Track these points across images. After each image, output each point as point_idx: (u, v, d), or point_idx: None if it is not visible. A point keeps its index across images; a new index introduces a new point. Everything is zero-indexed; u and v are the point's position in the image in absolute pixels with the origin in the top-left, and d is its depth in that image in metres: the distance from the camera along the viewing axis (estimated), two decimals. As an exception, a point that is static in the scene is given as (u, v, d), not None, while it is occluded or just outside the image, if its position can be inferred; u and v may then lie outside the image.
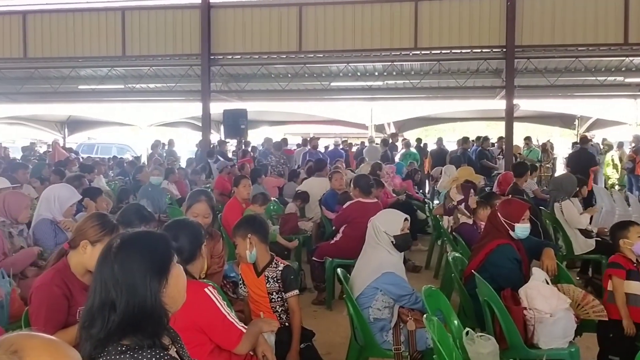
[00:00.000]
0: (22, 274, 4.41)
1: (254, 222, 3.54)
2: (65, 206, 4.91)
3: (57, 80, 15.84)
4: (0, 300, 3.90)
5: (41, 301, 2.78)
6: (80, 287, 2.90)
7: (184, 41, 13.51)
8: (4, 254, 4.27)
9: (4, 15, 14.39)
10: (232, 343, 2.65)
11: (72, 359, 1.30)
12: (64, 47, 14.00)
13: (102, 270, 1.79)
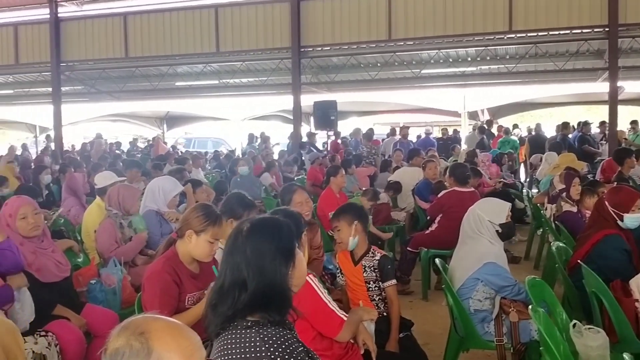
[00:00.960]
0: (132, 262, 4.67)
1: (361, 210, 3.59)
2: (169, 197, 5.15)
3: (156, 77, 16.61)
4: (113, 286, 4.15)
5: (154, 287, 2.93)
6: (188, 274, 3.04)
7: (274, 35, 13.76)
8: (116, 243, 4.54)
9: (107, 17, 15.27)
10: (334, 331, 2.69)
11: (192, 341, 1.36)
12: (161, 45, 14.65)
13: (233, 252, 1.90)
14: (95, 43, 15.21)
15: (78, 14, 15.81)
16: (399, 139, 14.18)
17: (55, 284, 3.71)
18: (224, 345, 1.80)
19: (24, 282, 3.43)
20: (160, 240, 4.94)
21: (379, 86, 17.20)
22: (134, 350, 1.29)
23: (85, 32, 15.31)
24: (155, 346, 1.30)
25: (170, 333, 1.34)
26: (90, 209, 5.47)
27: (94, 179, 6.42)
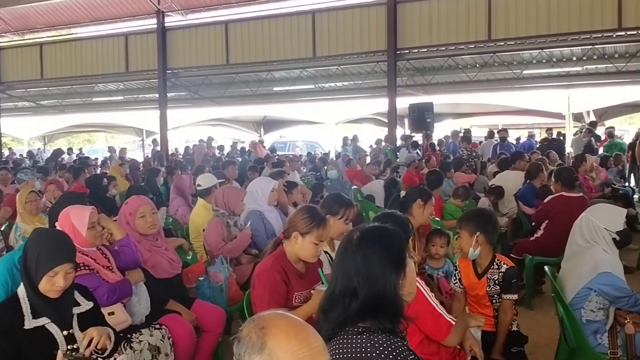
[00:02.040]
0: (237, 261, 4.83)
1: (488, 220, 3.38)
2: (267, 193, 5.28)
3: (254, 83, 17.09)
4: (220, 284, 4.31)
5: (264, 285, 3.01)
6: (296, 273, 3.11)
7: (370, 38, 13.78)
8: (223, 241, 4.72)
9: (210, 25, 15.90)
10: (442, 334, 2.66)
11: (308, 345, 1.36)
12: (260, 52, 15.06)
13: (344, 260, 1.92)
14: (198, 51, 15.89)
15: (183, 24, 16.57)
16: (498, 142, 13.76)
17: (168, 280, 3.90)
18: (334, 349, 1.82)
19: (141, 277, 3.63)
20: (265, 240, 5.10)
21: (477, 87, 16.80)
22: (251, 343, 1.34)
23: (189, 40, 16.03)
24: (269, 343, 1.33)
25: (287, 333, 1.35)
26: (196, 210, 5.72)
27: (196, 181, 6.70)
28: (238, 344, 1.37)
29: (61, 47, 18.41)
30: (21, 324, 2.44)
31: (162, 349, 3.28)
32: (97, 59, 17.54)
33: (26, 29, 19.48)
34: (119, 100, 21.28)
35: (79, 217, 3.43)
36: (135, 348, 3.11)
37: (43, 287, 2.48)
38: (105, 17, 17.94)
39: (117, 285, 3.39)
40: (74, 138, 39.43)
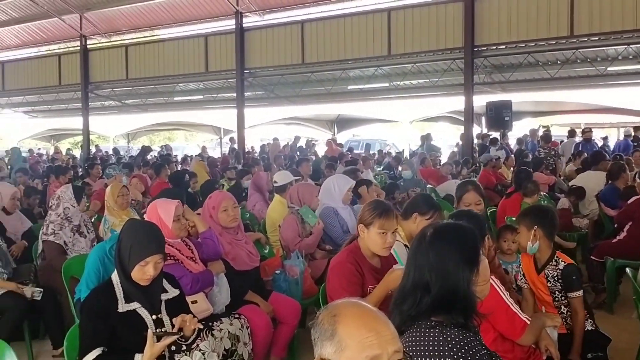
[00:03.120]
0: (312, 256, 4.95)
1: (545, 214, 3.40)
2: (343, 191, 5.36)
3: (329, 82, 17.23)
4: (295, 277, 4.43)
5: (340, 277, 3.08)
6: (370, 267, 3.16)
7: (447, 36, 13.59)
8: (298, 237, 4.85)
9: (286, 25, 16.16)
10: (517, 333, 2.65)
11: (378, 333, 1.39)
12: (335, 50, 15.15)
13: (417, 255, 1.96)
14: (274, 50, 16.16)
15: (260, 24, 16.91)
16: (582, 141, 13.26)
17: (247, 272, 4.05)
18: (407, 342, 1.86)
19: (222, 269, 3.80)
20: (341, 235, 5.19)
21: (558, 85, 16.24)
22: (323, 329, 1.42)
23: (266, 40, 16.33)
24: (339, 330, 1.39)
25: (356, 322, 1.40)
26: (273, 205, 5.88)
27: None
28: (314, 329, 1.44)
29: (145, 48, 19.21)
30: (115, 308, 2.64)
31: (241, 337, 3.40)
32: (178, 59, 18.17)
33: (112, 31, 20.45)
34: (199, 100, 21.97)
35: (165, 210, 3.63)
36: (216, 335, 3.24)
37: (135, 275, 2.66)
38: (186, 18, 18.57)
39: (200, 275, 3.57)
40: (155, 136, 41.04)
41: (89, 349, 2.53)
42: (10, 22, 21.37)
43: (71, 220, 4.92)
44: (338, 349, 1.37)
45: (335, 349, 1.38)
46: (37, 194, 7.89)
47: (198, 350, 2.90)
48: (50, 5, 19.08)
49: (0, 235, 4.86)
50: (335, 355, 1.38)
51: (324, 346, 1.40)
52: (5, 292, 4.31)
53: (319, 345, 1.42)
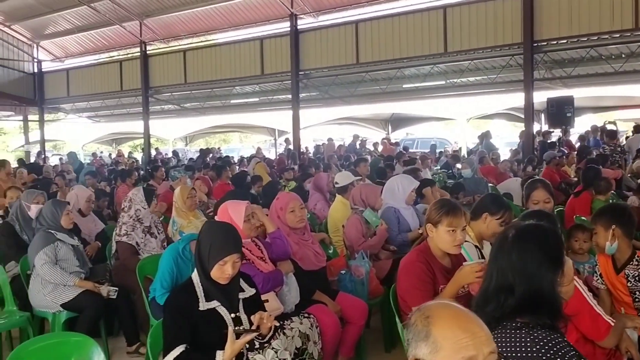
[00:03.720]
0: (376, 256, 4.96)
1: (622, 213, 3.32)
2: (407, 191, 5.35)
3: (384, 81, 17.16)
4: (361, 278, 4.45)
5: (411, 276, 3.10)
6: (441, 267, 3.16)
7: (504, 31, 13.33)
8: (362, 237, 4.87)
9: (340, 26, 16.19)
10: (601, 335, 2.59)
11: (472, 334, 1.41)
12: (390, 49, 15.09)
13: (499, 257, 1.96)
14: (329, 51, 16.22)
15: (314, 25, 17.01)
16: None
17: (314, 272, 4.10)
18: None
19: (291, 268, 3.86)
20: (396, 237, 5.19)
21: (622, 79, 15.65)
22: (417, 330, 1.44)
23: (320, 41, 16.41)
24: (433, 331, 1.41)
25: (451, 323, 1.42)
26: (335, 205, 5.91)
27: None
28: (407, 330, 1.46)
29: (202, 52, 19.62)
30: (196, 306, 2.73)
31: (311, 336, 3.44)
32: (234, 62, 18.48)
33: (171, 36, 20.95)
34: (254, 102, 22.27)
35: (236, 210, 3.72)
36: (287, 334, 3.29)
37: (214, 274, 2.75)
38: (242, 22, 18.86)
39: (271, 274, 3.64)
40: (211, 138, 41.80)
41: (173, 345, 2.63)
42: (74, 30, 22.22)
43: (142, 221, 5.09)
44: (433, 350, 1.39)
45: (430, 349, 1.40)
46: (106, 197, 8.19)
47: (271, 349, 2.96)
48: (111, 13, 19.74)
49: (77, 236, 5.07)
50: (430, 356, 1.40)
51: (419, 347, 1.42)
52: (83, 291, 4.51)
53: (412, 346, 1.44)
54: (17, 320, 4.48)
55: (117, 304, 4.65)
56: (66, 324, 4.51)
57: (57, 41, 23.84)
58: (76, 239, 4.94)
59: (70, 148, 31.87)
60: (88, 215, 6.03)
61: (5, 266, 4.94)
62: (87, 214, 6.05)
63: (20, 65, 24.25)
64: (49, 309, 4.52)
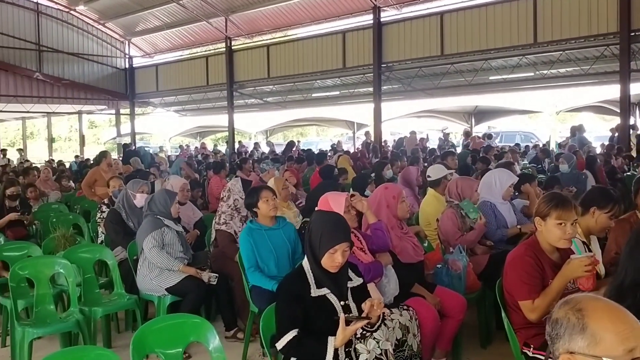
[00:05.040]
0: (472, 251, 4.89)
1: None
2: (505, 186, 5.23)
3: (469, 73, 16.81)
4: (458, 272, 4.40)
5: (519, 270, 3.06)
6: (550, 262, 3.09)
7: (599, 20, 12.75)
8: (458, 231, 4.81)
9: (424, 17, 16.00)
10: None
11: (630, 325, 1.39)
12: (477, 40, 14.77)
13: (634, 253, 1.91)
14: (412, 43, 16.07)
15: (398, 17, 16.89)
16: None
17: (412, 265, 4.11)
18: None
19: (390, 260, 3.88)
20: (495, 232, 5.08)
21: None
22: (570, 324, 1.41)
23: (404, 33, 16.29)
24: (590, 324, 1.39)
25: (609, 315, 1.40)
26: (427, 200, 5.86)
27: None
28: (555, 325, 1.45)
29: (285, 47, 19.92)
30: (308, 292, 2.81)
31: (410, 328, 3.44)
32: (316, 56, 18.65)
33: (255, 32, 21.42)
34: (335, 95, 22.39)
35: (336, 202, 3.78)
36: (388, 325, 3.31)
37: (325, 262, 2.81)
38: (324, 16, 19.00)
39: (371, 265, 3.67)
40: (289, 132, 42.39)
41: (286, 330, 2.71)
42: (163, 27, 23.14)
43: (240, 211, 5.24)
44: (592, 342, 1.38)
45: (588, 342, 1.38)
46: (200, 187, 8.48)
47: (372, 339, 2.98)
48: (198, 10, 20.39)
49: (179, 223, 5.29)
50: (588, 349, 1.38)
51: (573, 340, 1.41)
52: (186, 276, 4.71)
53: (565, 340, 1.42)
54: (125, 303, 4.75)
55: (216, 290, 4.83)
56: (170, 307, 4.73)
57: (147, 38, 24.91)
58: (180, 226, 5.17)
59: (157, 141, 33.24)
60: (186, 204, 6.27)
61: (113, 251, 5.23)
62: (184, 203, 6.29)
63: (112, 62, 25.51)
64: (154, 293, 4.76)
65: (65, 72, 24.00)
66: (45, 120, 32.02)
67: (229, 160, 15.87)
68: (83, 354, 2.43)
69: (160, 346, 2.71)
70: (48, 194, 9.14)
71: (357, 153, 14.34)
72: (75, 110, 27.41)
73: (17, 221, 6.65)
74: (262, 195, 4.47)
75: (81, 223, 6.92)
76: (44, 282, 4.45)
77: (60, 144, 43.32)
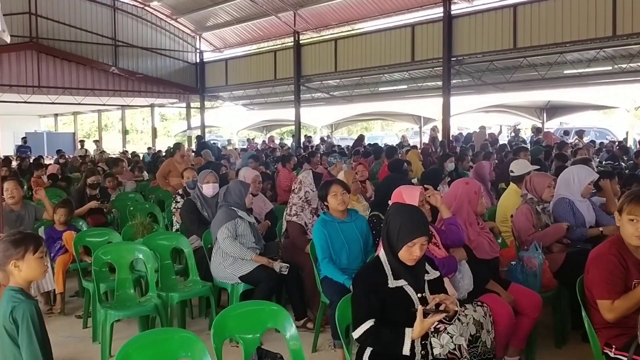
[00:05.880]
0: (548, 249, 4.76)
1: None
2: (584, 184, 5.06)
3: (542, 67, 16.28)
4: (534, 269, 4.30)
5: (600, 269, 2.98)
6: (634, 261, 2.99)
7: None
8: (532, 228, 4.70)
9: (497, 10, 15.58)
10: None
11: None
12: (551, 33, 14.26)
13: None
14: (484, 36, 15.70)
15: (469, 10, 16.53)
16: None
17: (487, 261, 4.04)
18: None
19: (464, 256, 3.84)
20: (577, 230, 4.92)
21: None
22: None
23: (475, 26, 15.93)
24: None
25: None
26: (507, 195, 5.74)
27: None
28: None
29: (352, 41, 19.87)
30: (385, 283, 2.82)
31: (484, 325, 3.40)
32: (384, 50, 18.50)
33: (322, 26, 21.47)
34: (403, 89, 22.18)
35: (410, 195, 3.77)
36: (462, 321, 3.28)
37: (402, 255, 2.81)
38: (393, 9, 18.83)
39: (445, 260, 3.64)
40: (354, 126, 42.29)
41: (363, 319, 2.74)
42: (233, 22, 23.57)
43: (310, 203, 5.30)
44: None
45: None
46: (269, 179, 8.62)
47: (446, 333, 2.97)
48: (268, 4, 20.65)
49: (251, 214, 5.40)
50: None
51: None
52: (258, 266, 4.81)
53: None
54: (200, 289, 4.91)
55: (287, 279, 4.91)
56: (242, 296, 4.84)
57: (217, 32, 25.42)
58: (252, 217, 5.28)
59: (225, 134, 33.95)
60: (257, 196, 6.39)
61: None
62: (256, 194, 6.41)
63: (184, 56, 26.21)
64: (228, 281, 4.88)
65: (139, 66, 24.83)
66: (119, 112, 33.30)
67: (295, 153, 16.02)
68: (168, 336, 2.54)
69: (239, 331, 2.79)
70: (124, 184, 9.52)
71: (428, 148, 14.17)
72: (148, 103, 28.37)
73: (96, 209, 6.96)
74: (331, 190, 4.52)
75: (156, 212, 7.18)
76: (125, 267, 4.66)
77: (132, 135, 44.90)
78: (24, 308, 2.45)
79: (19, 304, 2.47)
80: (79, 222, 6.20)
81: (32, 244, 2.58)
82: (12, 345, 2.44)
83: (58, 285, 5.41)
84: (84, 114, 38.59)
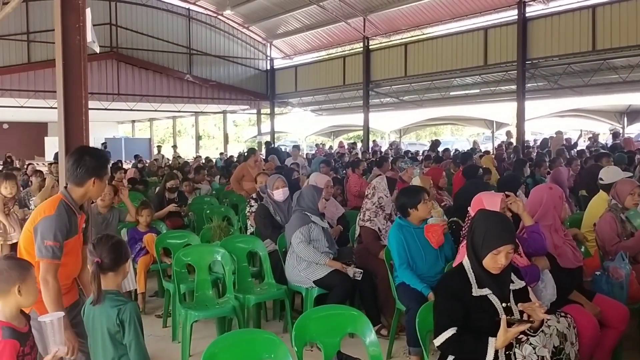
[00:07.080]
0: (634, 258, 4.55)
1: None
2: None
3: (624, 69, 15.60)
4: (620, 280, 4.13)
5: None
6: None
7: None
8: (617, 237, 4.50)
9: (574, 11, 15.06)
10: None
11: None
12: (633, 34, 13.65)
13: None
14: (560, 39, 15.21)
15: (544, 12, 16.05)
16: None
17: (571, 270, 3.90)
18: None
19: (547, 264, 3.72)
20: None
21: None
22: None
23: (551, 28, 15.46)
24: None
25: None
26: (595, 203, 5.50)
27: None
28: None
29: (423, 45, 19.66)
30: (469, 291, 2.77)
31: (568, 336, 3.29)
32: (455, 54, 18.22)
33: (392, 30, 21.38)
34: (475, 94, 21.74)
35: (492, 202, 3.69)
36: (545, 332, 3.19)
37: (487, 262, 2.76)
38: (465, 12, 18.53)
39: (528, 269, 3.54)
40: (422, 131, 41.77)
41: (446, 327, 2.70)
42: (303, 29, 23.84)
43: (384, 208, 5.28)
44: None
45: None
46: (339, 184, 8.65)
47: (529, 344, 2.88)
48: (337, 10, 20.76)
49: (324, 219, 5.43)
50: None
51: None
52: (332, 270, 4.83)
53: None
54: (275, 292, 4.97)
55: (360, 285, 4.90)
56: (315, 300, 4.87)
57: (288, 40, 25.78)
58: (325, 222, 5.31)
59: (293, 139, 34.29)
60: (329, 200, 6.42)
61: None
62: (328, 199, 6.44)
63: (255, 63, 26.71)
64: (302, 284, 4.93)
65: (212, 73, 25.49)
66: (192, 118, 34.27)
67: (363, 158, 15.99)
68: (253, 337, 2.59)
69: (320, 335, 2.81)
70: (200, 188, 9.78)
71: (502, 153, 13.83)
72: (220, 109, 29.07)
73: (175, 212, 7.19)
74: (424, 197, 4.48)
75: (231, 215, 7.33)
76: (204, 268, 4.79)
77: (204, 141, 46.07)
78: (130, 309, 2.52)
79: (124, 305, 2.54)
80: (159, 224, 6.43)
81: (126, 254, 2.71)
82: (112, 348, 2.52)
83: (140, 285, 5.62)
84: (159, 120, 39.93)
